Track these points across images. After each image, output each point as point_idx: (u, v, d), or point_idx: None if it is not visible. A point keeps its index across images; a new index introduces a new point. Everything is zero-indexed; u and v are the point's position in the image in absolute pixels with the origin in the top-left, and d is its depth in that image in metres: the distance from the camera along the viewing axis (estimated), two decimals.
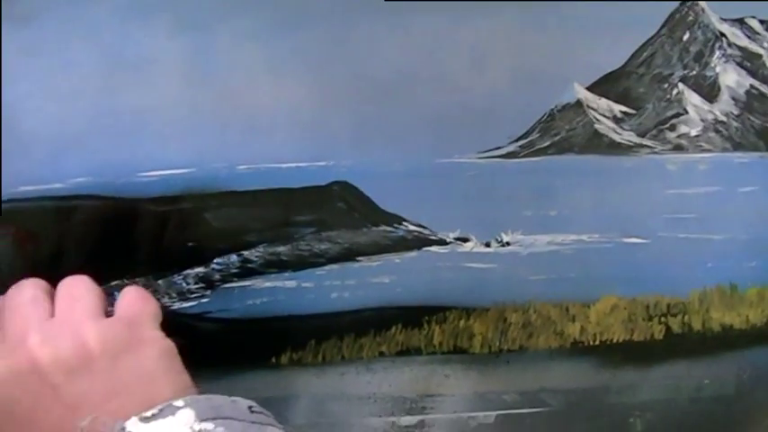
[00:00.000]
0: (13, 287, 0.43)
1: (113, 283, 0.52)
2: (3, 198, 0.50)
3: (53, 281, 0.52)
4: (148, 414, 0.34)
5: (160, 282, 0.52)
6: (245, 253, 0.51)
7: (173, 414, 0.34)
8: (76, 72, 0.48)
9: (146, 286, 0.52)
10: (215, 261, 0.52)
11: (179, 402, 0.35)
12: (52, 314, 0.41)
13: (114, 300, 0.44)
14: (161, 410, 0.35)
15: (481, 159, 0.50)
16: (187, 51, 0.48)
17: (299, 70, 0.49)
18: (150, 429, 0.34)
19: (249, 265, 0.52)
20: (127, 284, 0.52)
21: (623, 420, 0.57)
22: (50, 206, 0.50)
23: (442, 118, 0.49)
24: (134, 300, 0.43)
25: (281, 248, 0.52)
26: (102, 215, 0.50)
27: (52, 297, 0.43)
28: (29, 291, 0.42)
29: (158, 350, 0.40)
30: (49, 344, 0.38)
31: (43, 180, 0.49)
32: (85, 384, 0.37)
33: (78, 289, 0.42)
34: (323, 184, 0.50)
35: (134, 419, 0.34)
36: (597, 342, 0.54)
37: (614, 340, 0.54)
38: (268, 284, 0.52)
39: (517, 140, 0.50)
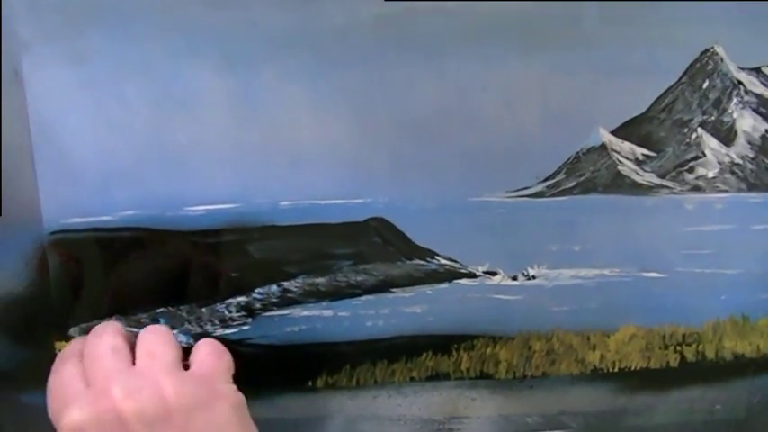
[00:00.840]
0: (93, 333, 0.44)
1: (159, 310, 0.54)
2: (54, 229, 0.50)
3: (103, 307, 0.54)
4: None
5: (204, 309, 0.52)
6: (286, 283, 0.52)
7: None
8: (127, 108, 0.48)
9: (190, 313, 0.54)
10: (256, 291, 0.52)
11: None
12: (132, 363, 0.42)
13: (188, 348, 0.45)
14: None
15: (510, 198, 0.50)
16: (233, 89, 0.48)
17: (340, 110, 0.48)
18: None
19: (289, 295, 0.52)
20: (176, 312, 0.54)
21: None
22: (99, 237, 0.50)
23: (473, 158, 0.49)
24: (209, 354, 0.44)
25: (320, 279, 0.52)
26: (149, 246, 0.50)
27: (129, 342, 0.43)
28: (109, 340, 0.42)
29: (231, 405, 0.42)
30: (131, 397, 0.39)
31: (92, 212, 0.49)
32: None
33: (158, 342, 0.43)
34: (360, 219, 0.50)
35: None
36: (616, 369, 0.54)
37: (632, 367, 0.54)
38: (306, 313, 0.52)
39: (544, 181, 0.50)
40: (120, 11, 0.47)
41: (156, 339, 0.43)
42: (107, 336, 0.43)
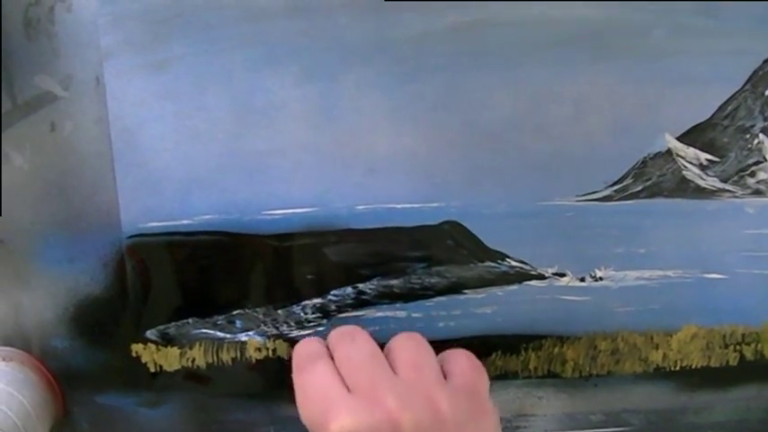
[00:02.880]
0: (344, 337, 0.43)
1: (236, 312, 0.55)
2: (132, 233, 0.50)
3: (180, 310, 0.55)
4: None
5: (280, 311, 0.52)
6: (360, 285, 0.52)
7: None
8: (208, 116, 0.48)
9: (266, 315, 0.55)
10: (332, 293, 0.52)
11: None
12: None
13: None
14: None
15: (579, 202, 0.51)
16: (312, 99, 0.48)
17: (415, 118, 0.49)
18: None
19: (363, 297, 0.52)
20: (252, 314, 0.55)
21: None
22: (177, 240, 0.50)
23: (544, 164, 0.50)
24: (470, 369, 0.42)
25: (394, 282, 0.52)
26: (228, 249, 0.51)
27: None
28: (367, 345, 0.42)
29: (494, 422, 0.41)
30: (408, 408, 0.38)
31: (171, 217, 0.50)
32: None
33: (422, 353, 0.42)
34: (434, 223, 0.51)
35: None
36: (677, 368, 0.55)
37: (693, 366, 0.55)
38: (380, 314, 0.53)
39: (612, 185, 0.51)
40: (201, 20, 0.48)
41: (419, 349, 0.42)
42: (364, 340, 0.42)
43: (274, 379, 0.54)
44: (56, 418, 0.54)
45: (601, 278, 0.52)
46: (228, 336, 0.53)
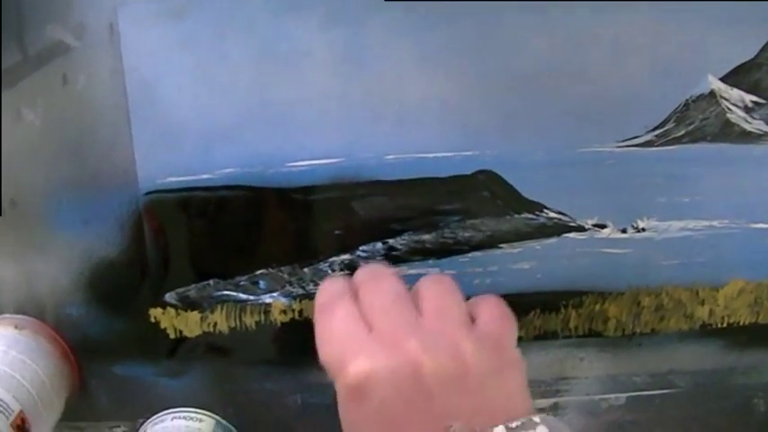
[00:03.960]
0: (370, 275, 0.40)
1: (259, 272, 0.52)
2: (149, 189, 0.48)
3: (201, 271, 0.52)
4: (513, 425, 0.34)
5: (306, 270, 0.50)
6: (391, 241, 0.50)
7: (533, 429, 0.33)
8: (229, 65, 0.46)
9: (291, 274, 0.52)
10: (361, 249, 0.50)
11: (536, 418, 0.34)
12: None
13: None
14: (523, 424, 0.34)
15: (619, 149, 0.48)
16: (338, 45, 0.46)
17: (448, 63, 0.46)
18: None
19: (394, 253, 0.50)
20: (276, 274, 0.52)
21: (747, 401, 0.56)
22: (197, 196, 0.48)
23: (582, 110, 0.48)
24: (499, 316, 0.40)
25: (426, 236, 0.50)
26: (250, 205, 0.48)
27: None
28: (393, 285, 0.39)
29: (519, 370, 0.38)
30: (430, 352, 0.36)
31: (192, 171, 0.48)
32: (456, 397, 0.35)
33: (448, 297, 0.39)
34: (468, 173, 0.49)
35: (501, 427, 0.34)
36: (725, 324, 0.52)
37: (740, 323, 0.52)
38: (412, 272, 0.50)
39: (653, 130, 0.48)
40: None
41: (446, 292, 0.40)
42: (389, 280, 0.40)
43: (301, 343, 0.51)
44: (72, 390, 0.51)
45: (643, 229, 0.50)
46: (252, 298, 0.50)
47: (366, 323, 0.38)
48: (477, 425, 0.34)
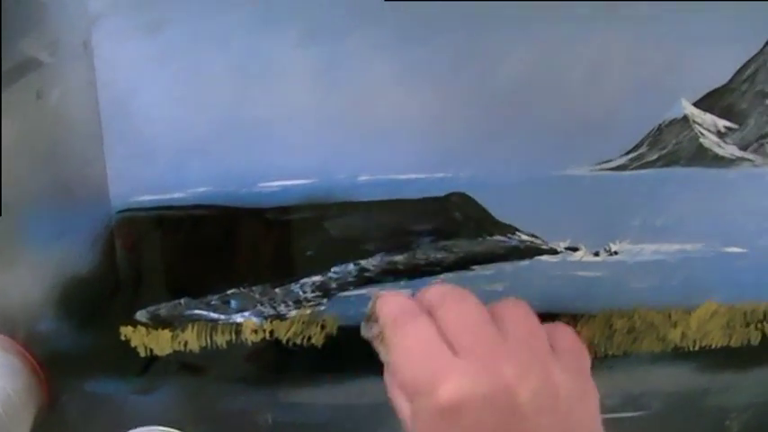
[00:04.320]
0: (451, 296, 0.40)
1: (231, 291, 0.52)
2: (122, 207, 0.48)
3: (172, 289, 0.52)
4: None
5: (277, 290, 0.49)
6: (363, 262, 0.49)
7: None
8: (204, 82, 0.46)
9: (263, 294, 0.51)
10: (332, 270, 0.49)
11: None
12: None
13: None
14: None
15: (592, 172, 0.48)
16: (314, 63, 0.46)
17: (423, 84, 0.46)
18: None
19: (366, 274, 0.49)
20: (248, 293, 0.52)
21: (720, 423, 0.56)
22: (169, 215, 0.48)
23: (557, 131, 0.48)
24: (576, 345, 0.40)
25: (398, 257, 0.49)
26: (223, 224, 0.48)
27: None
28: (478, 308, 0.39)
29: (596, 398, 0.39)
30: (526, 379, 0.35)
31: (165, 189, 0.47)
32: (547, 423, 0.35)
33: (532, 320, 0.40)
34: (441, 194, 0.48)
35: None
36: (697, 347, 0.52)
37: (713, 345, 0.52)
38: (397, 291, 0.48)
39: (627, 153, 0.48)
40: None
41: (528, 317, 0.40)
42: (473, 303, 0.39)
43: (272, 362, 0.51)
44: (42, 406, 0.51)
45: (616, 252, 0.50)
46: (223, 317, 0.50)
47: (448, 344, 0.37)
48: None
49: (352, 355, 0.50)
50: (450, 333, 0.37)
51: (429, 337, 0.37)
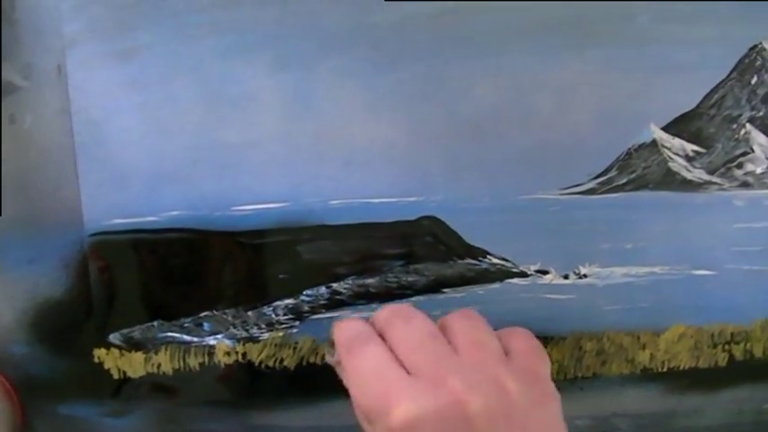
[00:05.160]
0: (398, 316, 0.39)
1: (203, 314, 0.52)
2: (95, 231, 0.48)
3: (145, 312, 0.52)
4: None
5: (250, 313, 0.50)
6: (335, 285, 0.50)
7: None
8: (176, 107, 0.46)
9: (235, 317, 0.52)
10: (305, 293, 0.50)
11: None
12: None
13: None
14: None
15: (562, 196, 0.49)
16: (286, 88, 0.47)
17: (394, 108, 0.47)
18: None
19: (338, 297, 0.50)
20: (221, 316, 0.52)
21: None
22: (142, 239, 0.48)
23: (526, 156, 0.48)
24: (531, 349, 0.40)
25: (370, 281, 0.50)
26: (196, 248, 0.49)
27: None
28: (425, 324, 0.39)
29: (557, 401, 0.38)
30: (475, 391, 0.35)
31: (139, 213, 0.48)
32: None
33: (481, 331, 0.39)
34: (412, 218, 0.49)
35: None
36: (665, 369, 0.53)
37: (681, 367, 0.53)
38: (356, 315, 0.50)
39: (596, 178, 0.49)
40: (169, 6, 0.46)
41: (477, 327, 0.39)
42: (421, 320, 0.39)
43: (245, 385, 0.51)
44: (15, 429, 0.50)
45: (585, 275, 0.50)
46: (196, 339, 0.50)
47: (401, 364, 0.37)
48: None
49: (325, 377, 0.50)
50: (401, 353, 0.37)
51: (380, 360, 0.37)
